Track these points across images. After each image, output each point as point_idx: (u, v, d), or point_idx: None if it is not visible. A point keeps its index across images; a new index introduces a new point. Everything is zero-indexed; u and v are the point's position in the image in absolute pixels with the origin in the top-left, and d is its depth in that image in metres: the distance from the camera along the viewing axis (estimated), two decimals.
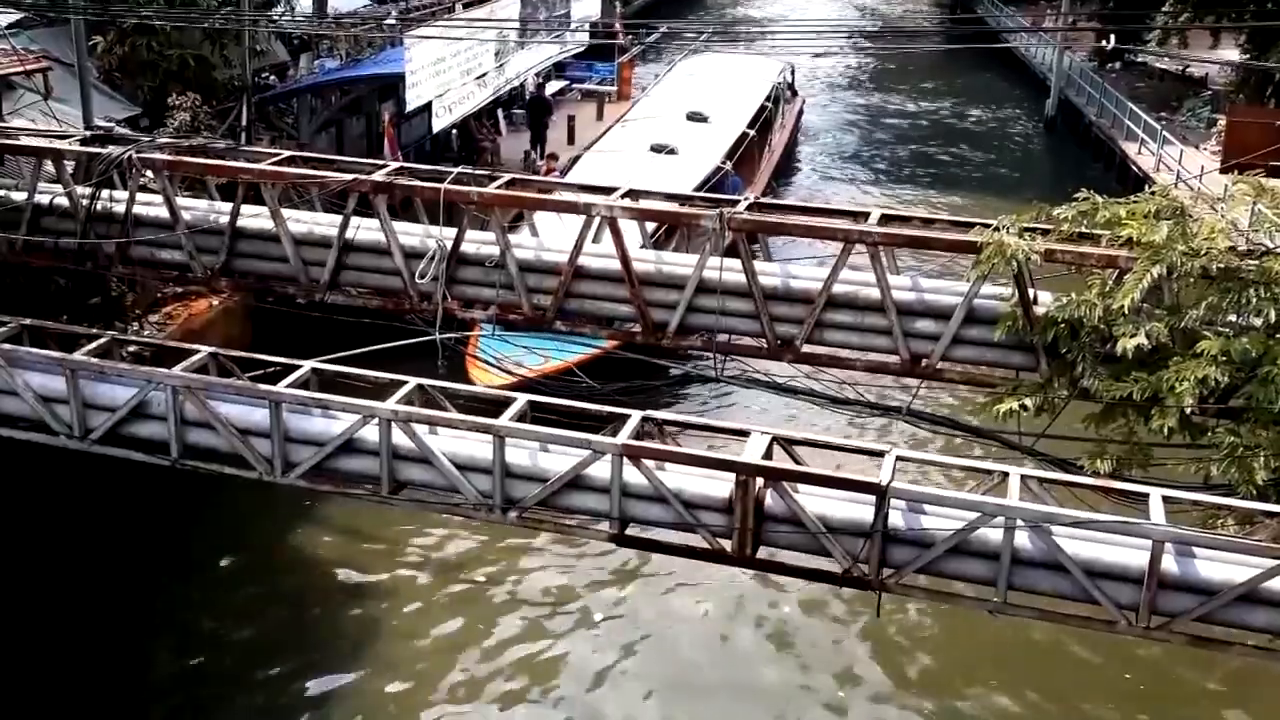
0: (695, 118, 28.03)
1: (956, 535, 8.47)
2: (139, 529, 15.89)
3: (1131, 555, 8.24)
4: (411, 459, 9.81)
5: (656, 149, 25.09)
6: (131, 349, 12.12)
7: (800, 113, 37.36)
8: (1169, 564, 8.15)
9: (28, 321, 11.35)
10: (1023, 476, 8.76)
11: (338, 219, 11.66)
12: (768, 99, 31.41)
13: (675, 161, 24.48)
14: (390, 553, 16.56)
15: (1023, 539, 8.38)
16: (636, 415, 9.58)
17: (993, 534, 8.41)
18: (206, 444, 10.37)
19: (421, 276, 11.33)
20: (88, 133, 14.59)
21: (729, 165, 25.35)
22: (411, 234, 11.59)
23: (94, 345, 10.89)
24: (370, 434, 9.79)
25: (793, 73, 36.64)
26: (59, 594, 14.80)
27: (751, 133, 28.42)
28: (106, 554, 15.55)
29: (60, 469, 13.38)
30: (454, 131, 28.11)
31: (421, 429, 9.70)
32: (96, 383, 10.54)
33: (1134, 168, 32.39)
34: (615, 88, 36.38)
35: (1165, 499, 8.41)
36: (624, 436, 9.27)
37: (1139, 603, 8.22)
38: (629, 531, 9.64)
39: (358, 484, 10.32)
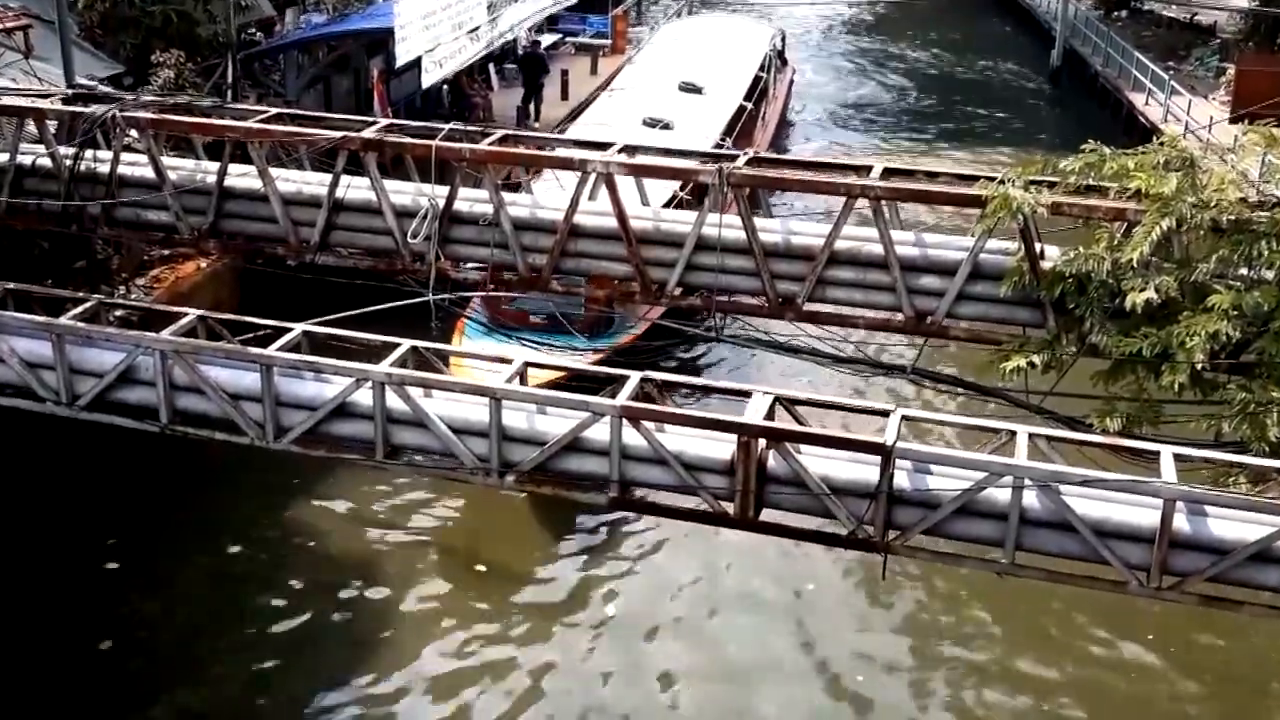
0: (689, 89, 26.71)
1: (963, 495, 8.44)
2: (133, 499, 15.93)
3: (1142, 514, 8.20)
4: (406, 423, 9.75)
5: (650, 123, 23.99)
6: (118, 313, 12.07)
7: (791, 83, 35.72)
8: (1180, 523, 8.12)
9: (11, 285, 11.27)
10: (1030, 435, 8.71)
11: (327, 178, 11.57)
12: (762, 68, 30.11)
13: (670, 138, 23.05)
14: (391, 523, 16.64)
15: (1031, 499, 8.35)
16: (635, 376, 9.53)
17: (1000, 494, 8.38)
18: (196, 409, 10.31)
19: (414, 236, 11.26)
20: (70, 91, 14.47)
21: (729, 142, 24.12)
22: (403, 193, 11.51)
23: (80, 309, 10.81)
24: (364, 398, 9.74)
25: (783, 40, 35.04)
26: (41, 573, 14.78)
27: (749, 105, 27.34)
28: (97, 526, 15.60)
29: (44, 441, 13.43)
30: (445, 87, 27.91)
31: (416, 392, 9.65)
32: (83, 348, 10.46)
33: (1141, 119, 32.21)
34: (610, 41, 36.10)
35: (1176, 457, 8.36)
36: (623, 398, 9.22)
37: (1150, 563, 8.19)
38: (629, 495, 9.61)
39: (352, 449, 10.29)
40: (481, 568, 15.82)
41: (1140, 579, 8.29)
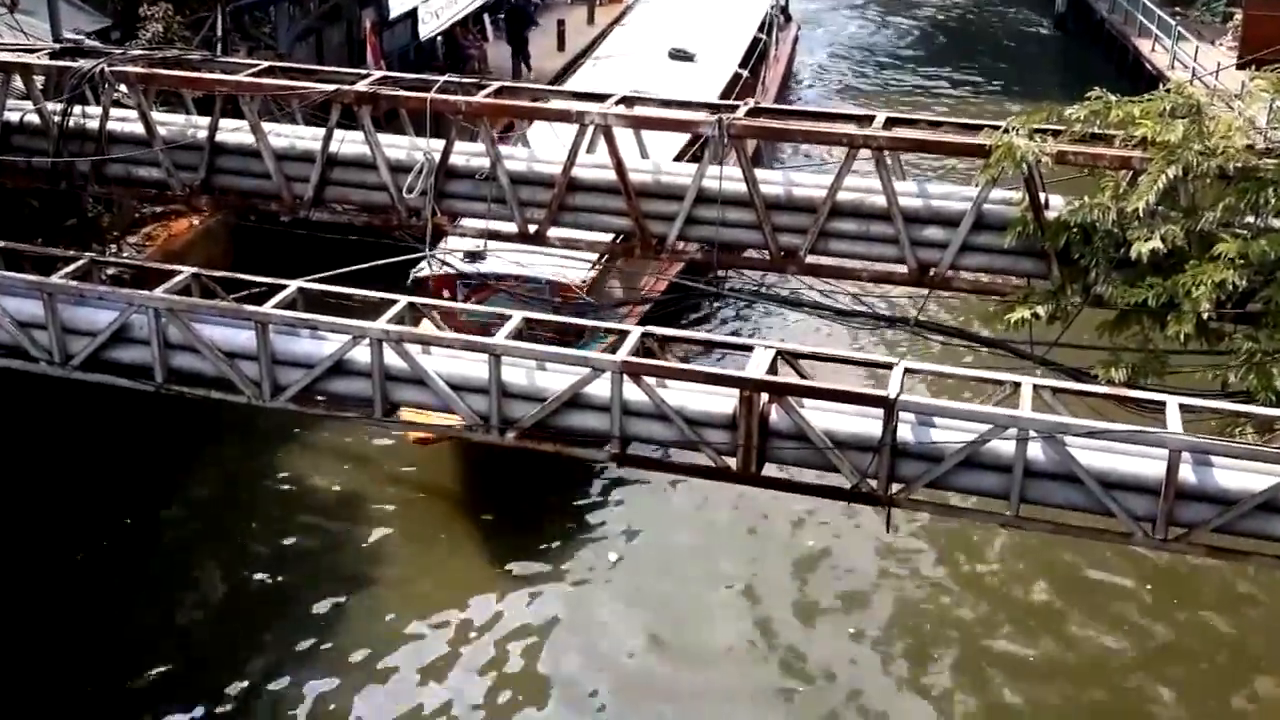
0: (679, 56, 25.51)
1: (967, 448, 8.48)
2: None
3: (1148, 465, 8.24)
4: (405, 380, 9.77)
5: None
6: (111, 271, 12.08)
7: (795, 41, 34.60)
8: (1186, 474, 8.16)
9: (2, 244, 11.24)
10: (1035, 387, 8.72)
11: (320, 132, 11.51)
12: (761, 29, 28.62)
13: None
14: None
15: (1036, 451, 8.38)
16: (636, 331, 9.54)
17: (1005, 446, 8.41)
18: (192, 368, 10.32)
19: (409, 191, 11.22)
20: (57, 46, 14.36)
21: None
22: (398, 147, 11.46)
23: (72, 268, 10.80)
24: (361, 355, 9.75)
25: None
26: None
27: (744, 73, 25.75)
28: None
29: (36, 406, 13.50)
30: (439, 39, 27.73)
31: (414, 349, 9.67)
32: (76, 307, 10.46)
33: (1147, 65, 32.07)
34: None
35: (1182, 407, 8.38)
36: (623, 353, 9.24)
37: (1155, 514, 8.24)
38: (630, 451, 9.65)
39: (349, 407, 10.32)
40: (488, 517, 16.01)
41: (1146, 530, 8.34)
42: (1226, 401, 8.76)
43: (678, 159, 11.83)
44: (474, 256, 12.43)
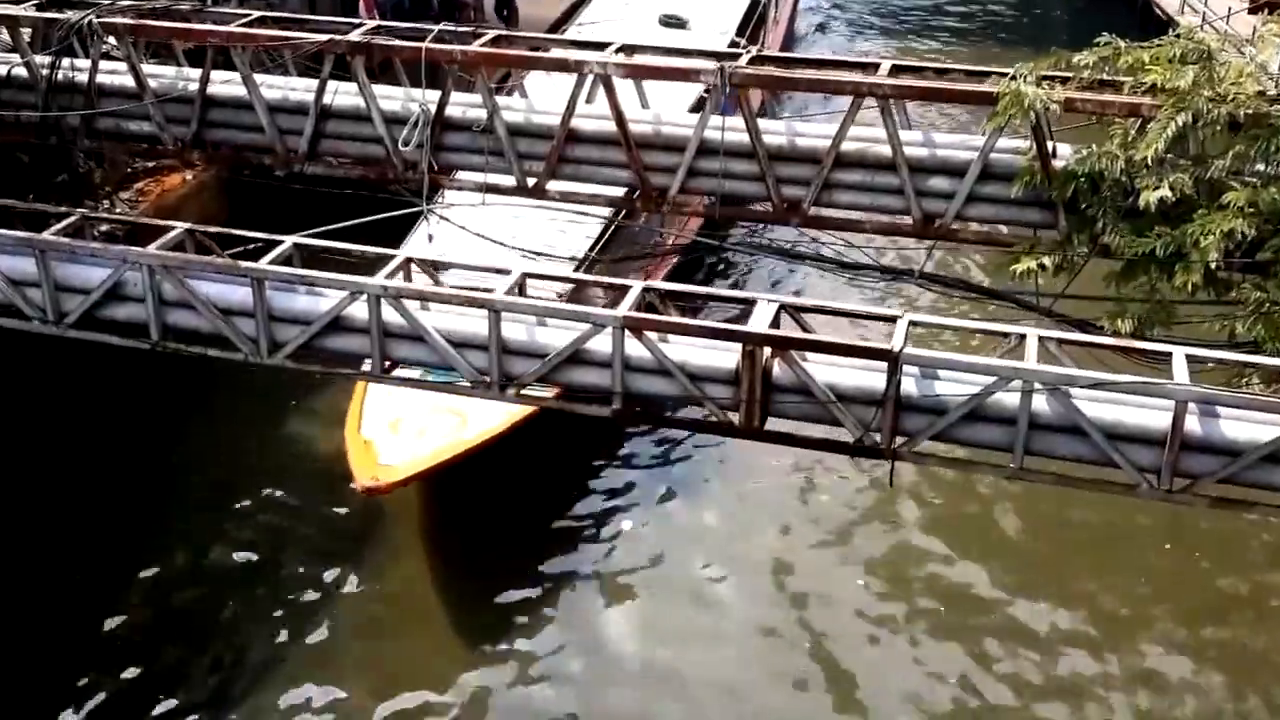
0: (671, 23, 24.64)
1: (972, 400, 8.54)
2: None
3: (1153, 417, 8.31)
4: (403, 336, 9.82)
5: None
6: (103, 228, 12.08)
7: (796, 2, 33.88)
8: (1192, 425, 8.22)
9: None
10: (1040, 338, 8.77)
11: (313, 83, 11.51)
12: None
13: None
14: None
15: (1040, 403, 8.45)
16: (638, 285, 9.58)
17: (1009, 398, 8.48)
18: (188, 325, 10.36)
19: (405, 144, 11.22)
20: None
21: None
22: (392, 98, 11.44)
23: (64, 224, 10.81)
24: (359, 311, 9.79)
25: None
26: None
27: (741, 41, 23.95)
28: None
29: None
30: None
31: (413, 304, 9.71)
32: (69, 264, 10.49)
33: (1157, 9, 31.90)
34: None
35: (1188, 358, 8.43)
36: (625, 308, 9.28)
37: (1161, 465, 8.32)
38: (632, 407, 9.70)
39: (348, 364, 10.37)
40: None
41: (1151, 481, 8.41)
42: (1234, 352, 8.81)
43: (693, 108, 11.67)
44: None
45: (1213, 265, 8.87)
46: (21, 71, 12.24)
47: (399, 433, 13.58)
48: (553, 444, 14.91)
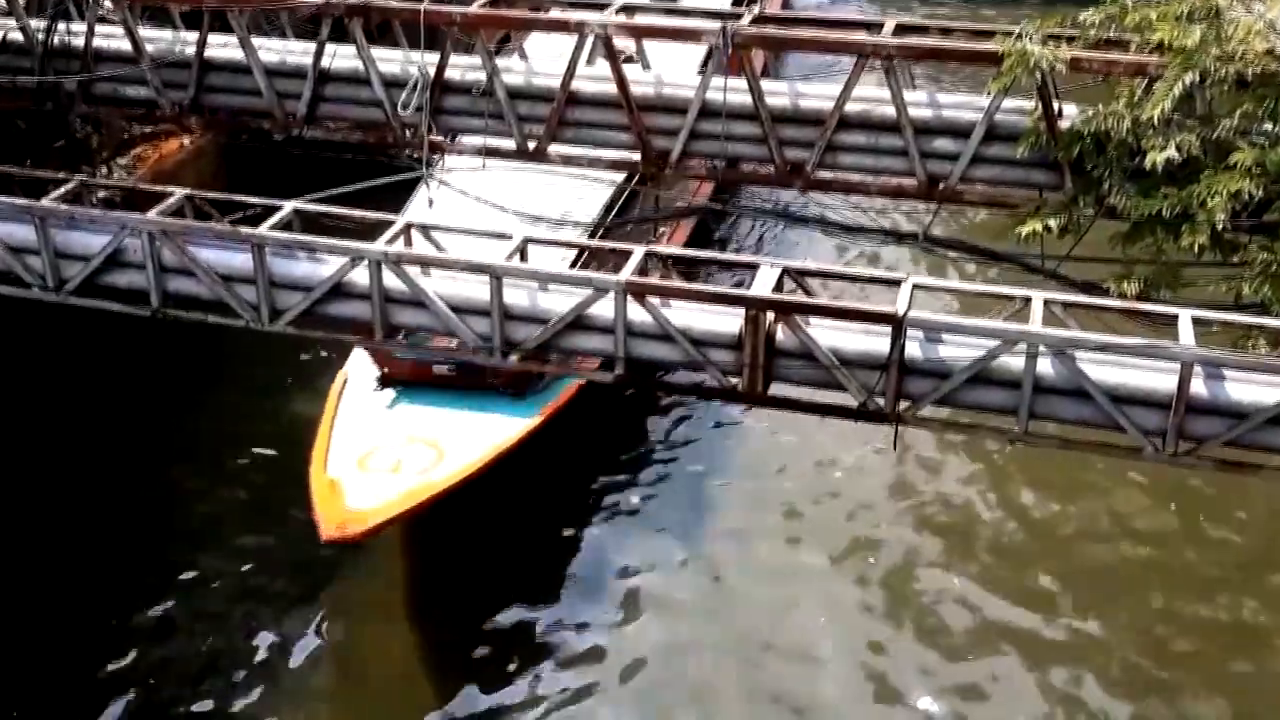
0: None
1: (976, 364, 8.58)
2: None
3: (1159, 379, 8.35)
4: (405, 302, 9.86)
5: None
6: (102, 194, 12.10)
7: None
8: (1198, 387, 8.26)
9: None
10: (1045, 301, 8.80)
11: (311, 47, 11.50)
12: None
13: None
14: None
15: (1045, 366, 8.49)
16: (640, 250, 9.60)
17: (1014, 361, 8.51)
18: (188, 292, 10.41)
19: (404, 107, 11.22)
20: None
21: None
22: (391, 61, 11.44)
23: (62, 190, 10.84)
24: (360, 277, 9.83)
25: None
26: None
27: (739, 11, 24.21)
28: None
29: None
30: None
31: (414, 270, 9.74)
32: (68, 231, 10.52)
33: None
34: None
35: (1194, 320, 8.47)
36: (627, 273, 9.31)
37: (1166, 428, 8.37)
38: (634, 372, 9.75)
39: (349, 330, 10.42)
40: None
41: (1156, 444, 8.47)
42: (1240, 314, 8.82)
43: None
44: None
45: (1219, 226, 8.88)
46: (18, 36, 12.24)
47: (368, 469, 12.62)
48: (538, 473, 14.02)
